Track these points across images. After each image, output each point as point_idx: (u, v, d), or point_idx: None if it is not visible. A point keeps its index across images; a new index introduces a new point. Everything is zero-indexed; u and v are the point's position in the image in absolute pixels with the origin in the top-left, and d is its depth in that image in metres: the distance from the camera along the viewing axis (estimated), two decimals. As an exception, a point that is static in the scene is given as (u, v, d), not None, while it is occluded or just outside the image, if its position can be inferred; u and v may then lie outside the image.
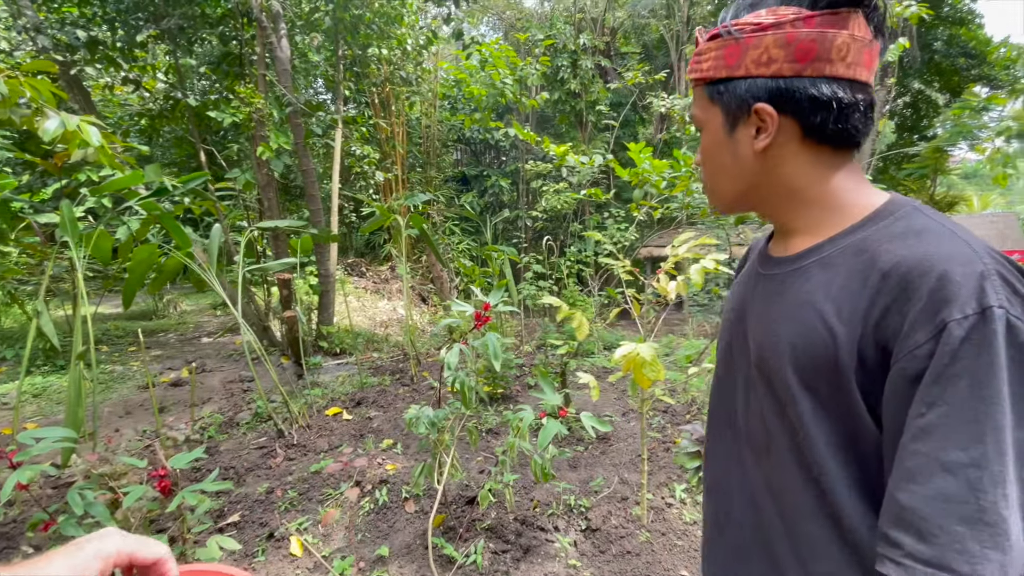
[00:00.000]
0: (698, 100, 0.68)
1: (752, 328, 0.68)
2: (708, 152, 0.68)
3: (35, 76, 2.89)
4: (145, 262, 3.53)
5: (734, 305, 0.76)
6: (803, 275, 0.62)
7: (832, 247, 0.60)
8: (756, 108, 0.60)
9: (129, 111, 7.07)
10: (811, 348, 0.56)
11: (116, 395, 4.44)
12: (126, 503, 1.61)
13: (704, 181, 0.72)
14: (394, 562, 2.17)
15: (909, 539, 0.47)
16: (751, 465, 0.67)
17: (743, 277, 0.79)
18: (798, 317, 0.59)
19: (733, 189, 0.68)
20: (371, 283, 8.81)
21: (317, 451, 3.23)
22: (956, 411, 0.46)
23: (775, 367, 0.60)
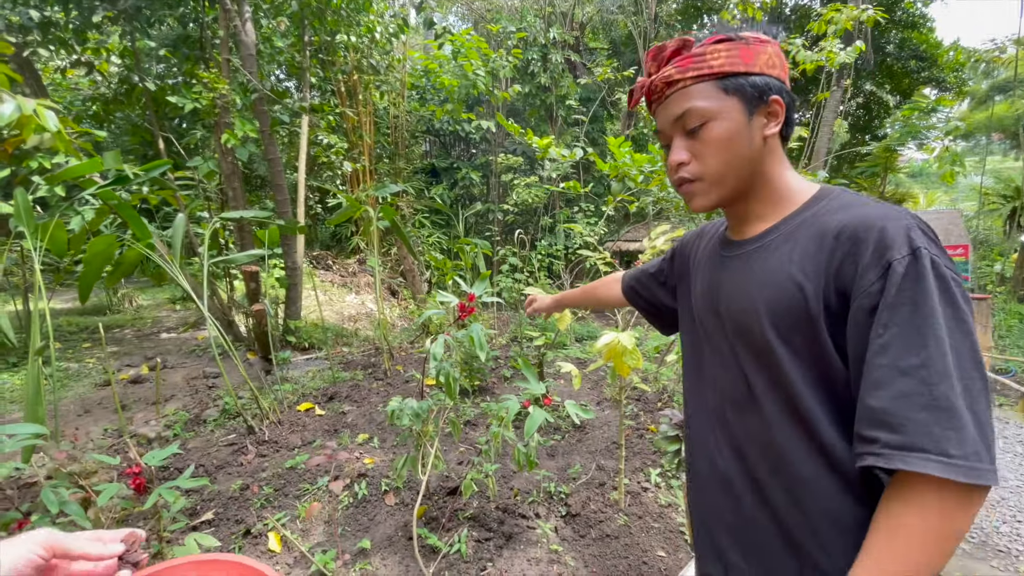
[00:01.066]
0: (704, 94, 0.72)
1: (725, 301, 0.78)
2: (725, 140, 0.73)
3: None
4: (102, 254, 3.37)
5: (704, 287, 0.86)
6: (767, 249, 0.74)
7: (787, 225, 0.74)
8: (773, 99, 0.73)
9: (80, 95, 6.66)
10: (785, 305, 0.68)
11: (72, 393, 4.22)
12: (100, 501, 1.56)
13: (707, 173, 0.75)
14: (376, 554, 2.17)
15: (882, 433, 0.59)
16: (733, 421, 0.77)
17: (706, 261, 0.89)
18: (770, 282, 0.71)
19: (742, 175, 0.75)
20: (338, 276, 8.64)
21: (290, 447, 3.18)
22: (904, 328, 0.59)
23: (754, 328, 0.71)
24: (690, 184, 0.77)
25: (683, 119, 0.74)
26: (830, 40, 4.42)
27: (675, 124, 0.75)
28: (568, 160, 2.73)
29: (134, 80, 5.64)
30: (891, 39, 11.65)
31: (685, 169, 0.76)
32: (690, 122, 0.73)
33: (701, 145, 0.74)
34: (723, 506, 0.80)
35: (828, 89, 9.20)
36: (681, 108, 0.74)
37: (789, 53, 4.50)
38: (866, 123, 13.70)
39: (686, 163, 0.76)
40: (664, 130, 0.78)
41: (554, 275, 8.48)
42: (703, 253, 0.92)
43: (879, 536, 0.60)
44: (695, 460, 0.88)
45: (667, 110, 0.76)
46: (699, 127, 0.73)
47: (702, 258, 0.91)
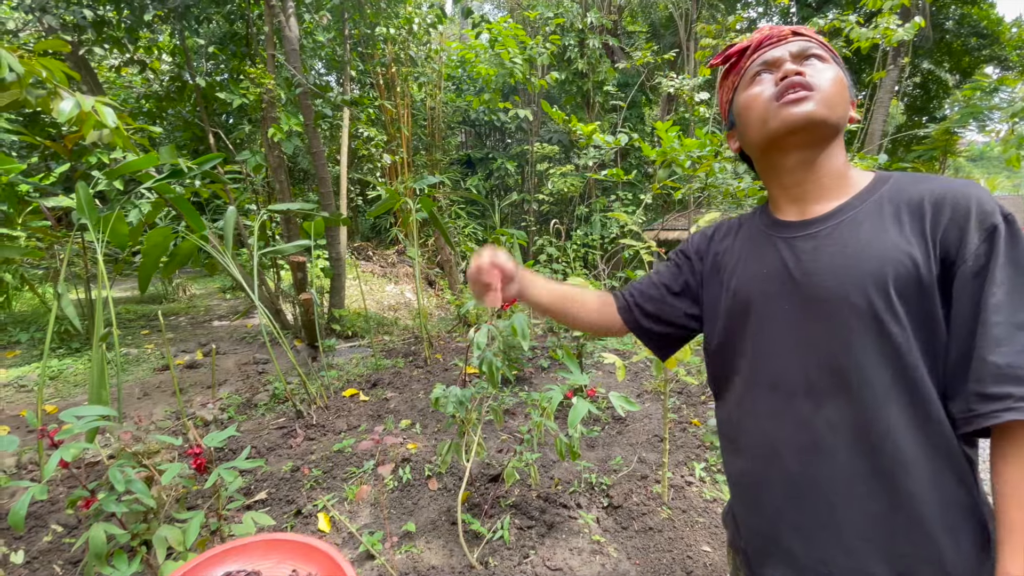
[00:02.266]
0: (824, 50, 0.79)
1: (808, 281, 0.74)
2: (840, 81, 0.76)
3: (44, 56, 2.86)
4: (160, 246, 3.53)
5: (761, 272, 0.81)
6: (852, 224, 0.73)
7: (861, 203, 0.74)
8: (853, 101, 0.79)
9: (134, 93, 6.99)
10: (896, 274, 0.67)
11: (132, 377, 4.48)
12: (164, 480, 1.64)
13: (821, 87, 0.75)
14: (421, 537, 2.21)
15: (1014, 388, 0.60)
16: (810, 412, 0.72)
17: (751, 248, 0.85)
18: (873, 254, 0.69)
19: (839, 117, 0.76)
20: (378, 267, 8.81)
21: (336, 431, 3.27)
22: (1014, 286, 0.62)
23: (859, 303, 0.68)
24: (805, 91, 0.74)
25: (807, 51, 0.77)
26: (886, 16, 4.15)
27: (796, 55, 0.77)
28: (612, 147, 2.66)
29: (185, 77, 5.86)
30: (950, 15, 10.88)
31: (802, 79, 0.75)
32: (813, 56, 0.77)
33: (820, 72, 0.75)
34: (793, 509, 0.74)
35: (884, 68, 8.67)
36: (808, 46, 0.77)
37: (842, 31, 4.26)
38: (924, 104, 12.87)
39: (803, 74, 0.75)
40: (779, 57, 0.78)
41: (590, 265, 8.38)
42: (740, 243, 0.87)
43: (1017, 504, 0.60)
44: (749, 462, 0.82)
45: (789, 46, 0.78)
46: (817, 60, 0.76)
47: (742, 248, 0.86)
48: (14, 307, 6.56)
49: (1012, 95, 10.77)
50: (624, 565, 2.09)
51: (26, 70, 2.62)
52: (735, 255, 0.87)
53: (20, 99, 2.66)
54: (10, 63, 2.44)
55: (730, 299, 0.85)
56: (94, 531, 1.48)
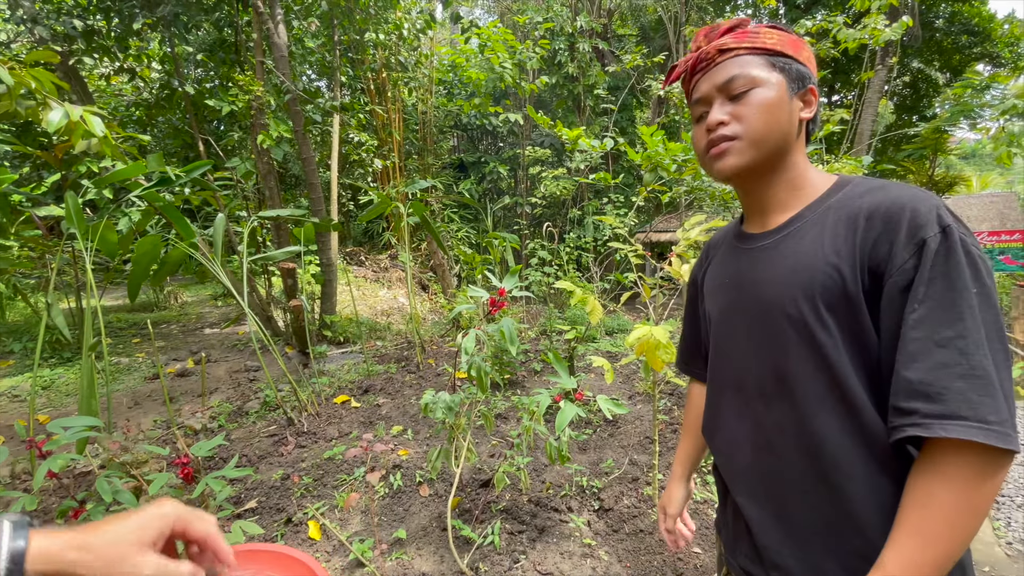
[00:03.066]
0: (754, 64, 0.76)
1: (753, 290, 0.79)
2: (769, 106, 0.75)
3: (35, 67, 2.85)
4: (149, 254, 3.52)
5: (724, 281, 0.87)
6: (796, 236, 0.75)
7: (813, 212, 0.76)
8: (811, 87, 0.78)
9: (124, 101, 6.97)
10: (824, 287, 0.69)
11: (123, 386, 4.46)
12: (152, 490, 1.64)
13: (747, 132, 0.76)
14: (412, 544, 2.21)
15: (921, 404, 0.60)
16: (762, 413, 0.78)
17: (721, 259, 0.91)
18: (805, 266, 0.72)
19: (777, 145, 0.76)
20: (370, 272, 8.80)
21: (328, 438, 3.26)
22: (938, 302, 0.61)
23: (791, 313, 0.72)
24: (727, 142, 0.77)
25: (731, 83, 0.76)
26: (874, 16, 4.20)
27: (721, 89, 0.77)
28: (598, 151, 2.68)
29: (174, 85, 5.86)
30: (940, 13, 11.00)
31: (724, 128, 0.77)
32: (737, 86, 0.75)
33: (744, 108, 0.75)
34: (754, 503, 0.80)
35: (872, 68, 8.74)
36: (731, 73, 0.76)
37: (829, 31, 4.31)
38: (914, 103, 13.00)
39: (726, 123, 0.77)
40: (706, 96, 0.79)
41: (583, 268, 8.40)
42: (720, 256, 0.93)
43: (912, 510, 0.62)
44: (721, 458, 0.89)
45: (715, 75, 0.78)
46: (745, 92, 0.75)
47: (719, 261, 0.93)
48: (7, 317, 6.51)
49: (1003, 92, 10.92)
50: (615, 568, 2.10)
51: (16, 81, 2.62)
52: (712, 268, 0.94)
53: (11, 110, 2.65)
54: (0, 75, 2.44)
55: (707, 309, 0.94)
56: (80, 543, 1.48)
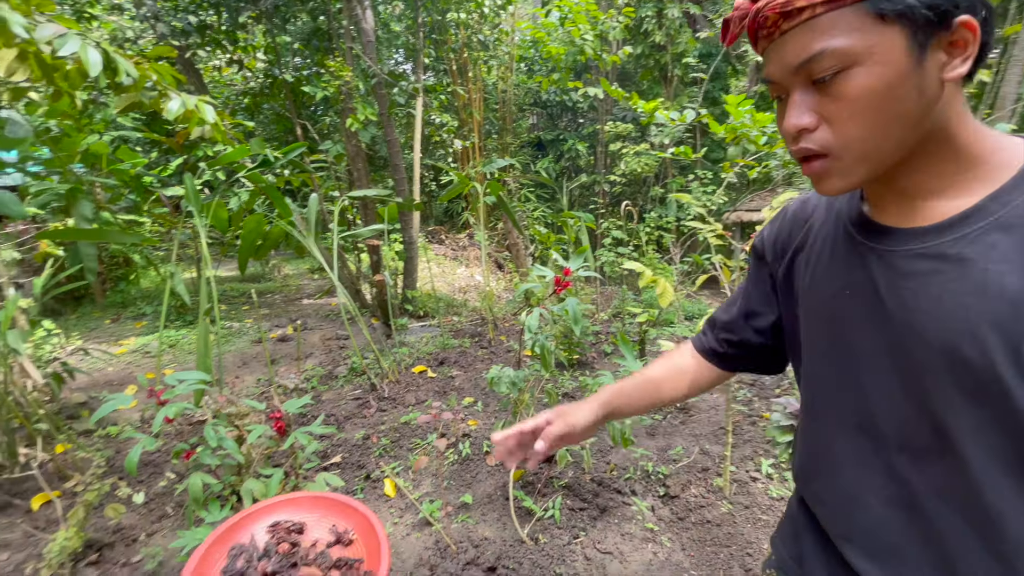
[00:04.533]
0: (845, 25, 0.47)
1: (907, 317, 0.54)
2: (878, 96, 0.48)
3: (156, 61, 3.23)
4: (254, 230, 3.90)
5: (842, 289, 0.61)
6: (984, 241, 0.50)
7: (1001, 206, 0.50)
8: (962, 21, 0.47)
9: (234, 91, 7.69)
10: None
11: (234, 348, 5.02)
12: (250, 439, 1.85)
13: (846, 145, 0.52)
14: (477, 509, 2.32)
15: None
16: (907, 470, 0.57)
17: (831, 251, 0.64)
18: (1003, 294, 0.48)
19: (902, 144, 0.51)
20: (449, 250, 9.09)
21: (405, 404, 3.47)
22: None
23: (974, 358, 0.49)
24: (820, 160, 0.53)
25: (809, 66, 0.50)
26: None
27: (796, 73, 0.51)
28: (678, 124, 2.54)
29: (275, 73, 6.34)
30: None
31: (810, 138, 0.52)
32: (820, 68, 0.49)
33: (837, 105, 0.50)
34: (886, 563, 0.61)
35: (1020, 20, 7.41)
36: (807, 50, 0.49)
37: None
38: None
39: (811, 130, 0.52)
40: (777, 78, 0.53)
41: (663, 249, 8.08)
42: (820, 242, 0.67)
43: None
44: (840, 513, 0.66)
45: (784, 52, 0.51)
46: (835, 75, 0.49)
47: (821, 249, 0.66)
48: (141, 284, 7.55)
49: None
50: (677, 555, 2.07)
51: (140, 75, 2.98)
52: (811, 258, 0.67)
53: (136, 101, 3.03)
54: (127, 69, 2.78)
55: (803, 315, 0.69)
56: (192, 480, 1.72)
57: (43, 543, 2.18)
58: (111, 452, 2.93)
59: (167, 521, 2.37)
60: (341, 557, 0.78)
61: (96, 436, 3.17)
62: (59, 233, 3.60)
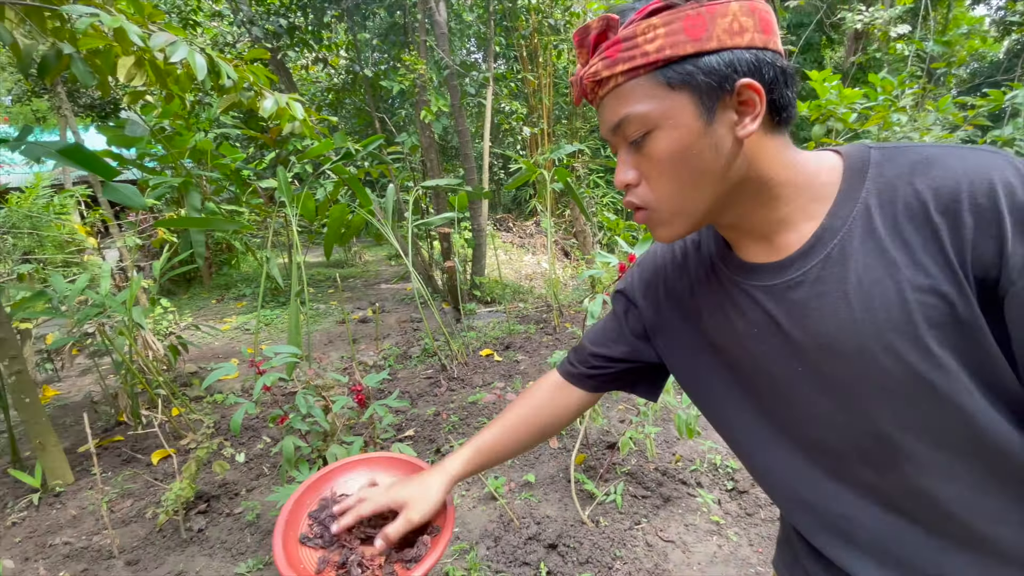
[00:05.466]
0: (641, 93, 0.52)
1: (820, 344, 0.56)
2: (677, 156, 0.53)
3: (252, 63, 3.54)
4: (338, 219, 4.19)
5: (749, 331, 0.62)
6: (841, 257, 0.53)
7: (842, 220, 0.54)
8: (742, 84, 0.50)
9: (319, 87, 8.21)
10: (929, 319, 0.50)
11: (320, 327, 5.44)
12: (335, 409, 2.03)
13: (661, 200, 0.56)
14: (539, 488, 2.39)
15: None
16: (873, 480, 0.59)
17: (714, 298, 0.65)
18: (886, 299, 0.51)
19: (712, 196, 0.55)
20: (517, 238, 9.19)
21: (473, 385, 3.61)
22: None
23: (890, 366, 0.52)
24: (643, 212, 0.58)
25: (620, 128, 0.55)
26: None
27: (615, 134, 0.56)
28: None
29: (356, 69, 6.68)
30: None
31: (634, 192, 0.57)
32: (630, 132, 0.54)
33: (649, 164, 0.55)
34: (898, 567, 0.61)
35: None
36: (616, 115, 0.54)
37: None
38: None
39: (634, 185, 0.57)
40: (606, 138, 0.59)
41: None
42: (701, 289, 0.68)
43: None
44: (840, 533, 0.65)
45: (604, 115, 0.57)
46: (642, 138, 0.54)
47: (705, 298, 0.67)
48: (241, 268, 8.34)
49: None
50: (744, 550, 2.02)
51: (239, 77, 3.28)
52: (697, 307, 0.68)
53: (236, 101, 3.34)
54: (228, 72, 3.08)
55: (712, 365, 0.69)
56: (286, 442, 1.92)
57: (161, 492, 2.54)
58: (217, 416, 3.32)
59: (264, 479, 2.66)
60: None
61: (205, 402, 3.59)
62: (173, 222, 4.06)
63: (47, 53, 2.37)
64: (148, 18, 2.83)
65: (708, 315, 0.67)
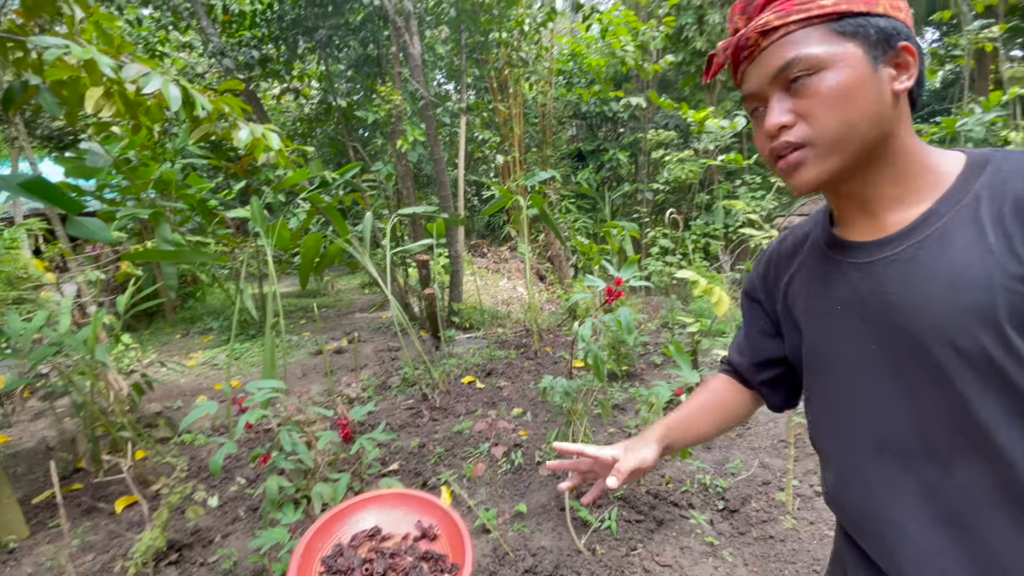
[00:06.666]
0: (814, 39, 0.57)
1: (896, 321, 0.59)
2: (845, 90, 0.57)
3: (224, 94, 3.50)
4: (313, 248, 4.11)
5: (831, 308, 0.66)
6: (941, 241, 0.57)
7: (950, 208, 0.58)
8: (903, 45, 0.58)
9: (290, 117, 8.16)
10: (1012, 306, 0.52)
11: (294, 359, 5.27)
12: (319, 445, 1.96)
13: (820, 134, 0.59)
14: (532, 518, 2.34)
15: None
16: (938, 480, 0.59)
17: (812, 275, 0.70)
18: (974, 282, 0.54)
19: (867, 139, 0.58)
20: (492, 263, 9.22)
21: (456, 414, 3.55)
22: None
23: (968, 347, 0.54)
24: (797, 152, 0.60)
25: (785, 72, 0.58)
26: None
27: (774, 80, 0.60)
28: (728, 131, 2.52)
29: (329, 100, 6.69)
30: None
31: (789, 133, 0.60)
32: (793, 73, 0.58)
33: (811, 101, 0.58)
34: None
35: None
36: (783, 58, 0.58)
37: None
38: None
39: (790, 126, 0.60)
40: (757, 91, 0.62)
41: (711, 257, 7.89)
42: (806, 270, 0.73)
43: None
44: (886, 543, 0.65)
45: (763, 64, 0.60)
46: (807, 77, 0.58)
47: (808, 277, 0.72)
48: (207, 301, 8.05)
49: None
50: (740, 571, 2.02)
51: (214, 108, 3.24)
52: (802, 286, 0.73)
53: (210, 132, 3.29)
54: (202, 103, 3.04)
55: (806, 347, 0.73)
56: (270, 483, 1.83)
57: (127, 543, 2.37)
58: (187, 458, 3.14)
59: (239, 523, 2.52)
60: (428, 550, 0.84)
61: (172, 443, 3.40)
62: (143, 254, 3.92)
63: (13, 84, 2.28)
64: (118, 49, 2.78)
65: (807, 301, 0.72)
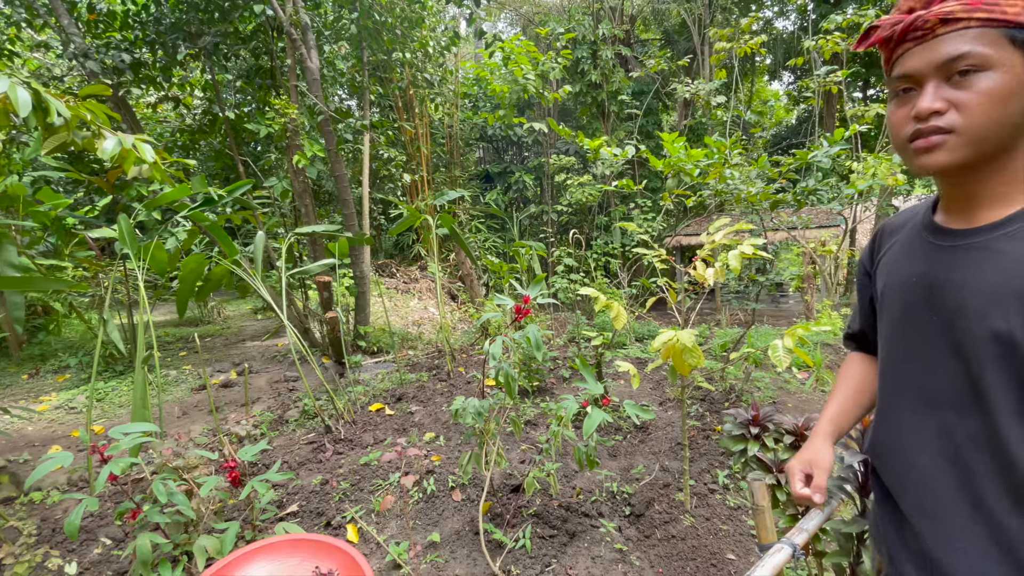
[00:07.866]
0: (988, 40, 0.64)
1: (954, 296, 0.71)
2: (1001, 95, 0.64)
3: (87, 99, 3.09)
4: (195, 271, 3.73)
5: (911, 279, 0.79)
6: (1015, 238, 0.67)
7: None
8: None
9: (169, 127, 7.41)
10: None
11: (172, 397, 4.69)
12: (202, 492, 1.74)
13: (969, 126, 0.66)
14: (446, 547, 2.27)
15: None
16: (952, 424, 0.72)
17: (906, 251, 0.83)
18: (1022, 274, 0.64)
19: (1002, 141, 0.67)
20: (401, 283, 9.00)
21: (364, 445, 3.36)
22: None
23: (1000, 328, 0.65)
24: (940, 135, 0.67)
25: (955, 63, 0.65)
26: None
27: (940, 68, 0.66)
28: (620, 159, 2.71)
29: (215, 111, 6.19)
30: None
31: (940, 118, 0.67)
32: (962, 65, 0.65)
33: (970, 95, 0.65)
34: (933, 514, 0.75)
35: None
36: (957, 49, 0.65)
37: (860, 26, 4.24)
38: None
39: (942, 112, 0.67)
40: (917, 73, 0.69)
41: (611, 274, 8.37)
42: (899, 246, 0.86)
43: None
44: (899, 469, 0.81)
45: (934, 50, 0.67)
46: (970, 73, 0.65)
47: (899, 251, 0.85)
48: (63, 333, 6.94)
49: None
50: (647, 573, 2.10)
51: (73, 114, 2.84)
52: (891, 259, 0.86)
53: (68, 141, 2.88)
54: (58, 109, 2.66)
55: (880, 303, 0.87)
56: (141, 540, 1.59)
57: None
58: (36, 520, 2.65)
59: (103, 593, 2.15)
60: (327, 599, 0.77)
61: (17, 503, 2.85)
62: (-26, 282, 3.29)
63: None
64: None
65: (891, 267, 0.84)
